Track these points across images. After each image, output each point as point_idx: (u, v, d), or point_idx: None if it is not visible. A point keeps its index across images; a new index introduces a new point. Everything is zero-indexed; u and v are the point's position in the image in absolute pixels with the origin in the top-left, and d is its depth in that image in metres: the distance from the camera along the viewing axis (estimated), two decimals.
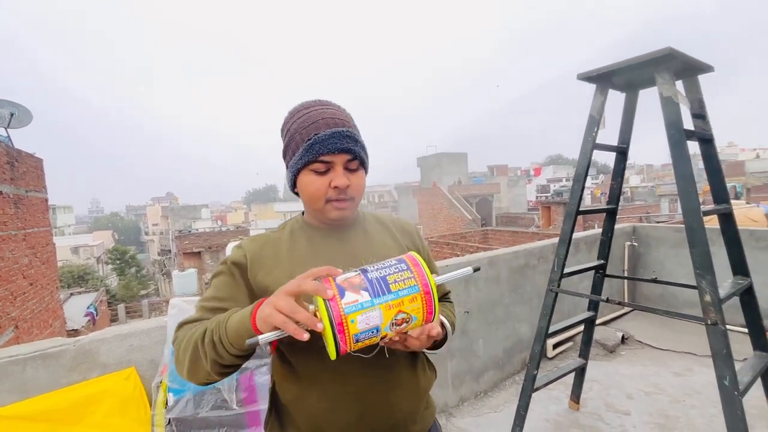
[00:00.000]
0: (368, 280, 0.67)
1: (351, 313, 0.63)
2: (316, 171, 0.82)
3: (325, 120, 0.82)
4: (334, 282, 0.66)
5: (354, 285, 0.66)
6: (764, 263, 3.32)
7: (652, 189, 35.07)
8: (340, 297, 0.64)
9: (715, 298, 1.52)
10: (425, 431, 0.94)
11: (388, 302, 0.66)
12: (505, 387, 2.81)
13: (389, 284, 0.67)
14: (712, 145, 1.79)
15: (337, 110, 0.86)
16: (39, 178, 7.27)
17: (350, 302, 0.64)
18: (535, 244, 3.25)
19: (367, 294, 0.65)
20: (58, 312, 7.71)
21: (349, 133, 0.82)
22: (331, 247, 0.89)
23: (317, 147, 0.80)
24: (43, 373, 1.38)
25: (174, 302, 1.59)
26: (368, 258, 0.85)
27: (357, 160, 0.84)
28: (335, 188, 0.82)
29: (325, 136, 0.80)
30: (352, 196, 0.85)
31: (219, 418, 1.49)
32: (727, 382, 1.50)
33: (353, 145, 0.82)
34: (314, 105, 0.86)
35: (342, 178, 0.82)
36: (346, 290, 0.65)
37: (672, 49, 1.57)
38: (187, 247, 19.27)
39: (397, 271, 0.69)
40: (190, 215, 38.39)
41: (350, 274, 0.68)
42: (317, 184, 0.82)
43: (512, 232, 14.34)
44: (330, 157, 0.81)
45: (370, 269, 0.69)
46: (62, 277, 18.68)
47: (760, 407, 2.06)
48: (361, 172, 0.87)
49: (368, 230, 0.95)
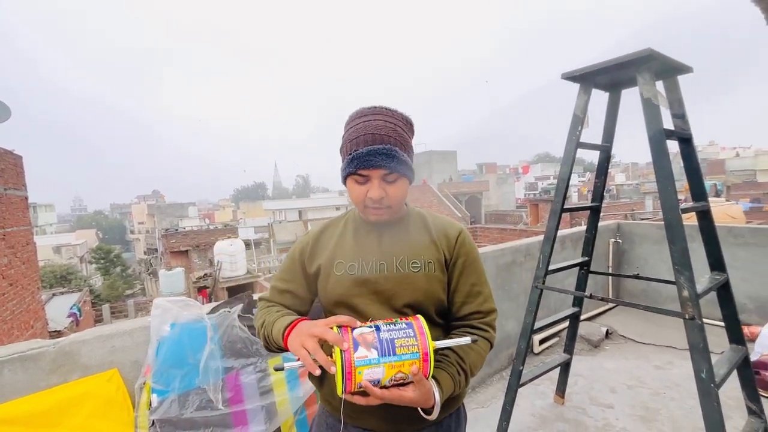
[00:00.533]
0: (379, 340, 0.79)
1: (360, 365, 0.77)
2: (357, 181, 0.93)
3: (365, 137, 0.90)
4: (351, 334, 0.79)
5: (367, 342, 0.79)
6: (742, 259, 3.42)
7: (636, 187, 35.80)
8: (354, 350, 0.77)
9: (693, 294, 1.56)
10: (442, 417, 0.99)
11: (391, 363, 0.78)
12: (492, 383, 2.85)
13: (395, 347, 0.79)
14: (691, 144, 1.83)
15: (385, 123, 0.92)
16: (18, 175, 7.07)
17: (361, 357, 0.77)
18: (522, 241, 3.29)
19: (375, 352, 0.78)
20: (39, 313, 7.53)
21: (385, 151, 0.89)
22: (371, 243, 1.00)
23: (356, 162, 0.90)
24: (21, 376, 1.35)
25: (158, 302, 1.56)
26: (399, 258, 0.97)
27: (395, 173, 0.92)
28: (370, 198, 0.92)
29: (362, 154, 0.89)
30: (388, 204, 0.94)
31: (205, 418, 1.48)
32: (704, 375, 1.54)
33: (388, 162, 0.89)
34: (366, 115, 0.94)
35: (376, 190, 0.91)
36: (359, 345, 0.78)
37: (652, 50, 1.60)
38: (174, 246, 18.97)
39: (404, 336, 0.81)
40: (177, 213, 37.79)
41: (366, 329, 0.81)
42: (357, 192, 0.94)
43: (500, 230, 14.49)
44: (367, 171, 0.91)
45: (383, 328, 0.82)
46: (44, 277, 18.22)
47: (736, 398, 2.13)
48: (401, 181, 0.94)
49: (410, 230, 1.02)
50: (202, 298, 15.79)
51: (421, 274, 0.96)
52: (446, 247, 1.00)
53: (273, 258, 22.70)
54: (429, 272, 0.97)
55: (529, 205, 19.65)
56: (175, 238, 19.31)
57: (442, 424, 1.01)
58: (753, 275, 3.39)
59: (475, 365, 0.95)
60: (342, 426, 1.02)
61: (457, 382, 0.90)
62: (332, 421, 1.05)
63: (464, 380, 0.93)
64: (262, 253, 25.07)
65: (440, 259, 0.99)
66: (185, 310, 1.56)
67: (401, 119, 0.95)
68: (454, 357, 0.93)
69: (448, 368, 0.91)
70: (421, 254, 0.98)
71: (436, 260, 0.98)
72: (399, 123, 0.94)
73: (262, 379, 1.59)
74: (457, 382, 0.90)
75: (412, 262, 0.97)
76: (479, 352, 0.97)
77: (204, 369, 1.50)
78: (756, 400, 1.89)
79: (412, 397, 0.81)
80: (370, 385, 0.77)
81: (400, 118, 0.95)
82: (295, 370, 1.62)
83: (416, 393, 0.81)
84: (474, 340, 0.87)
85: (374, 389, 0.78)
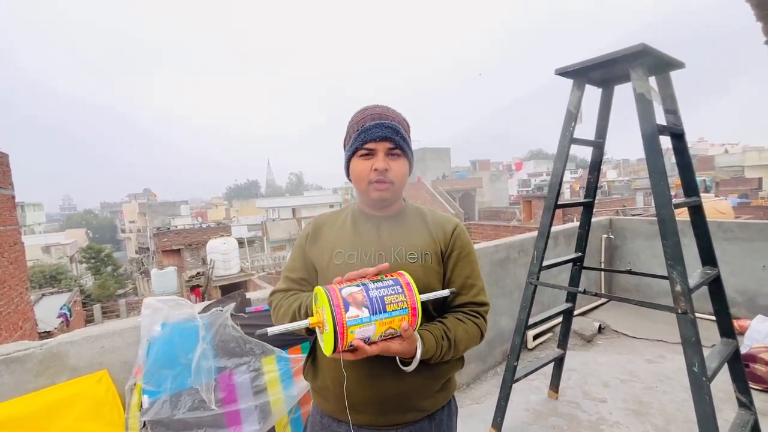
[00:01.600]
0: (369, 299, 0.80)
1: (352, 325, 0.77)
2: (362, 156, 0.98)
3: (372, 114, 0.98)
4: (340, 294, 0.79)
5: (357, 301, 0.79)
6: (731, 254, 3.47)
7: (628, 183, 36.18)
8: (345, 310, 0.77)
9: (685, 288, 1.58)
10: (435, 409, 1.03)
11: (382, 320, 0.80)
12: (486, 378, 2.86)
13: (386, 304, 0.81)
14: (683, 140, 1.84)
15: (388, 110, 1.02)
16: (4, 174, 6.93)
17: (353, 316, 0.77)
18: (516, 237, 3.30)
19: (367, 311, 0.79)
20: (28, 314, 7.41)
21: (390, 125, 0.96)
22: (370, 234, 1.03)
23: (362, 135, 0.96)
24: (7, 379, 1.32)
25: (148, 302, 1.54)
26: (397, 249, 1.00)
27: (398, 149, 0.98)
28: (375, 170, 0.96)
29: (369, 126, 0.96)
30: (391, 179, 0.98)
31: (197, 419, 1.45)
32: (696, 368, 1.56)
33: (393, 134, 0.96)
34: (370, 107, 1.02)
35: (382, 162, 0.96)
36: (350, 305, 0.78)
37: (645, 45, 1.60)
38: (166, 245, 18.77)
39: (393, 293, 0.82)
40: (169, 212, 37.42)
41: (354, 288, 0.81)
42: (362, 167, 0.98)
43: (494, 226, 14.56)
44: (373, 144, 0.96)
45: (371, 287, 0.82)
46: (33, 277, 17.94)
47: (727, 391, 2.16)
48: (403, 160, 1.00)
49: (407, 223, 1.06)
50: (195, 297, 15.67)
51: (417, 265, 0.99)
52: (442, 239, 1.03)
53: (266, 256, 22.58)
54: (425, 263, 1.00)
55: (522, 202, 19.76)
56: (167, 237, 19.11)
57: (434, 416, 1.03)
58: (742, 270, 3.44)
59: (460, 340, 0.96)
60: (337, 423, 1.02)
61: (440, 346, 0.92)
62: (327, 420, 1.04)
63: (447, 347, 0.93)
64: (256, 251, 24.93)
65: (437, 251, 1.02)
66: (176, 310, 1.54)
67: (400, 116, 1.04)
68: (440, 326, 0.96)
69: (433, 330, 0.94)
70: (418, 246, 1.01)
71: (432, 252, 1.01)
72: (399, 118, 1.03)
73: (256, 378, 1.57)
74: (439, 345, 0.92)
75: (409, 253, 1.00)
76: (467, 330, 0.99)
77: (196, 369, 1.47)
78: (746, 392, 1.92)
79: (399, 349, 0.84)
80: (362, 343, 0.79)
81: (399, 115, 1.04)
82: (290, 369, 1.60)
83: (403, 345, 0.84)
84: (452, 292, 0.96)
85: (365, 347, 0.79)
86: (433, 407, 1.02)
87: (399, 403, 0.97)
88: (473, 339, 1.00)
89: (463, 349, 0.98)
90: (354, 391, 0.96)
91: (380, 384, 0.96)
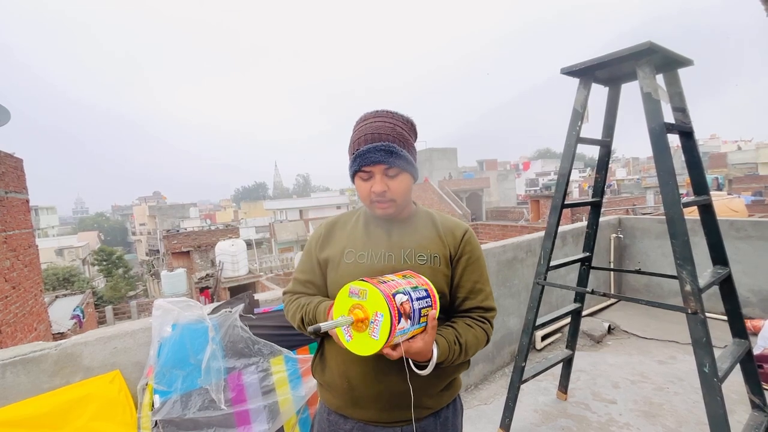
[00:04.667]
0: (413, 310, 0.86)
1: (398, 335, 0.83)
2: (361, 178, 1.00)
3: (365, 137, 0.98)
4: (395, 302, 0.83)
5: (406, 312, 0.85)
6: (744, 252, 3.41)
7: (637, 181, 35.71)
8: (398, 322, 0.82)
9: (695, 288, 1.56)
10: (440, 407, 1.05)
11: (414, 330, 0.87)
12: (494, 379, 2.85)
13: (421, 316, 0.88)
14: (692, 137, 1.82)
15: (384, 123, 0.99)
16: (19, 178, 7.08)
17: (401, 327, 0.83)
18: (523, 237, 3.29)
19: (409, 323, 0.85)
20: (42, 315, 7.55)
21: (383, 147, 0.96)
22: (380, 235, 1.06)
23: (358, 160, 0.98)
24: (24, 379, 1.35)
25: (158, 303, 1.56)
26: (407, 250, 1.02)
27: (395, 168, 0.98)
28: (374, 192, 0.99)
29: (363, 151, 0.97)
30: (392, 198, 1.00)
31: (207, 418, 1.48)
32: (707, 369, 1.54)
33: (386, 157, 0.96)
34: (367, 119, 1.02)
35: (379, 184, 0.98)
36: (402, 317, 0.83)
37: (652, 43, 1.58)
38: (176, 247, 19.00)
39: (425, 306, 0.89)
40: (178, 214, 37.85)
41: (403, 297, 0.86)
42: (362, 188, 1.01)
43: (501, 226, 14.47)
44: (369, 168, 0.98)
45: (414, 295, 0.88)
46: (47, 279, 18.27)
47: (740, 392, 2.12)
48: (403, 176, 1.00)
49: (418, 227, 1.07)
50: (204, 299, 15.83)
51: (426, 267, 1.01)
52: (452, 243, 1.06)
53: (274, 258, 22.71)
54: (434, 265, 1.02)
55: (530, 201, 19.61)
56: (176, 239, 19.34)
57: (440, 414, 1.05)
58: (755, 269, 3.38)
59: (470, 345, 1.00)
60: (344, 420, 1.04)
61: (452, 351, 0.95)
62: (334, 417, 1.06)
63: (458, 352, 0.97)
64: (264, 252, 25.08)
65: (446, 254, 1.04)
66: (186, 311, 1.56)
67: (401, 120, 1.02)
68: (452, 330, 0.99)
69: (446, 336, 0.97)
70: (428, 248, 1.03)
71: (441, 255, 1.04)
72: (398, 123, 1.01)
73: (264, 378, 1.59)
74: (452, 351, 0.95)
75: (418, 255, 1.02)
76: (476, 336, 1.02)
77: (206, 369, 1.50)
78: (759, 393, 1.89)
79: (420, 346, 0.88)
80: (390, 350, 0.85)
81: (399, 119, 1.02)
82: (298, 369, 1.62)
83: (422, 342, 0.88)
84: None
85: (392, 353, 0.85)
86: (438, 405, 1.05)
87: (405, 399, 0.99)
88: (481, 344, 1.03)
89: (472, 353, 1.01)
90: (360, 386, 0.98)
91: (386, 380, 0.98)
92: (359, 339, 0.84)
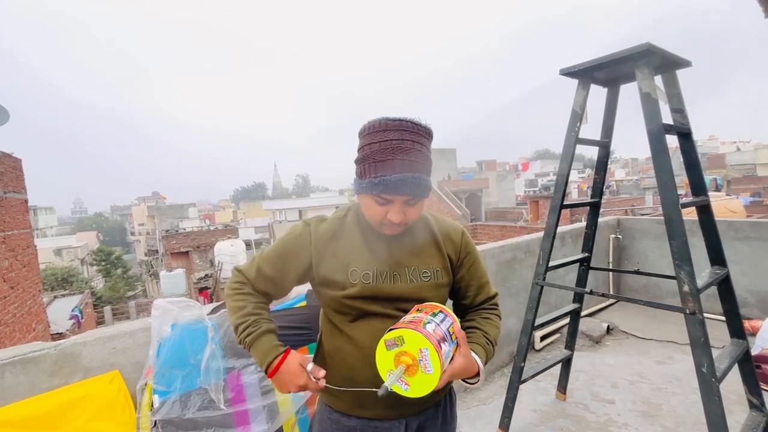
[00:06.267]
0: (444, 332, 0.89)
1: (444, 360, 0.85)
2: (377, 201, 0.93)
3: (394, 162, 0.87)
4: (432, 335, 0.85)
5: (440, 337, 0.87)
6: (742, 253, 3.42)
7: (636, 182, 35.77)
8: (440, 349, 0.85)
9: (693, 288, 1.56)
10: (439, 398, 1.09)
11: (453, 349, 0.91)
12: (493, 380, 2.85)
13: (450, 335, 0.91)
14: (691, 138, 1.83)
15: (413, 145, 0.89)
16: (18, 178, 7.08)
17: (443, 352, 0.85)
18: (522, 238, 3.29)
19: (447, 345, 0.88)
20: (41, 315, 7.54)
21: (414, 179, 0.89)
22: (382, 251, 1.01)
23: (382, 187, 0.89)
24: (23, 379, 1.35)
25: (158, 303, 1.56)
26: (411, 269, 1.01)
27: (417, 198, 0.93)
28: (390, 220, 0.93)
29: (392, 181, 0.87)
30: (405, 223, 0.96)
31: (207, 418, 1.48)
32: (705, 370, 1.55)
33: (414, 190, 0.90)
34: (391, 130, 0.89)
35: (398, 215, 0.92)
36: (441, 342, 0.86)
37: (651, 45, 1.59)
38: (175, 247, 18.98)
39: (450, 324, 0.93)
40: (178, 214, 37.80)
41: (432, 326, 0.88)
42: (375, 211, 0.94)
43: (501, 227, 14.49)
44: (392, 196, 0.90)
45: (437, 320, 0.90)
46: (45, 279, 18.23)
47: (739, 392, 2.13)
48: (420, 204, 0.96)
49: (415, 236, 1.05)
50: (203, 299, 15.81)
51: (431, 283, 1.04)
52: (452, 250, 1.08)
53: None
54: (438, 280, 1.05)
55: (529, 202, 19.64)
56: (175, 239, 19.32)
57: (438, 404, 1.10)
58: (754, 269, 3.39)
59: (496, 336, 1.08)
60: (347, 418, 1.04)
61: (488, 351, 1.03)
62: (336, 415, 1.06)
63: (492, 350, 1.04)
64: None
65: (446, 265, 1.07)
66: (185, 311, 1.56)
67: (425, 135, 0.93)
68: (479, 332, 1.05)
69: (478, 340, 1.02)
70: (430, 263, 1.04)
71: (442, 267, 1.06)
72: (425, 142, 0.93)
73: (264, 378, 1.59)
74: (487, 351, 1.02)
75: (423, 272, 1.03)
76: (496, 326, 1.10)
77: (205, 369, 1.50)
78: (757, 394, 1.90)
79: (462, 362, 0.90)
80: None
81: (425, 135, 0.93)
82: None
83: (462, 358, 0.91)
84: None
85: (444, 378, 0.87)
86: (439, 396, 1.09)
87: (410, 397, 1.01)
88: (500, 330, 1.12)
89: (497, 342, 1.09)
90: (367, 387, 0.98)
91: None
92: (415, 382, 0.85)
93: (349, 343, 1.02)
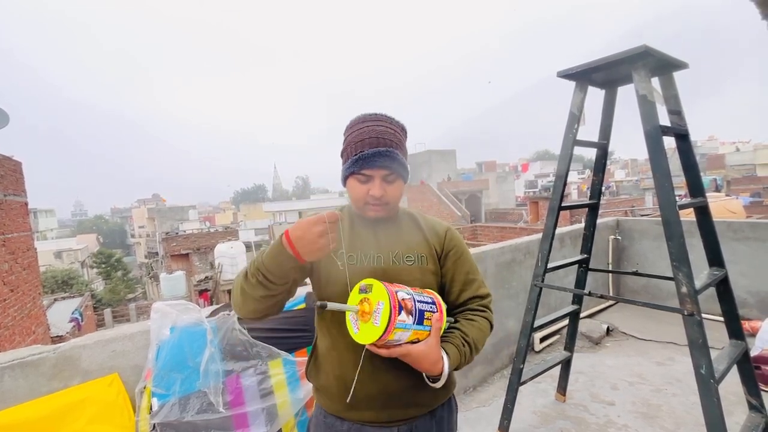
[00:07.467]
0: (416, 309, 0.90)
1: (398, 327, 0.87)
2: (359, 180, 1.00)
3: (370, 140, 0.98)
4: (397, 297, 0.88)
5: (407, 308, 0.89)
6: (741, 254, 3.42)
7: (636, 183, 35.79)
8: (398, 313, 0.86)
9: (691, 290, 1.57)
10: (436, 405, 1.08)
11: (417, 330, 0.91)
12: (493, 381, 2.85)
13: (424, 319, 0.92)
14: (688, 140, 1.83)
15: (387, 128, 1.01)
16: (18, 181, 7.09)
17: (401, 320, 0.87)
18: (522, 239, 3.29)
19: (411, 319, 0.89)
20: (41, 318, 7.54)
21: (388, 153, 0.98)
22: (368, 238, 1.06)
23: (360, 162, 0.98)
24: (22, 382, 1.35)
25: (157, 306, 1.57)
26: (395, 252, 1.04)
27: (394, 174, 1.00)
28: (371, 196, 0.99)
29: (368, 155, 0.97)
30: (386, 201, 1.02)
31: (206, 421, 1.48)
32: (704, 371, 1.55)
33: (390, 163, 0.98)
34: (368, 120, 1.02)
35: (378, 189, 0.99)
36: (402, 309, 0.88)
37: (647, 47, 1.60)
38: (175, 249, 18.99)
39: (429, 310, 0.94)
40: (178, 216, 37.80)
41: (405, 295, 0.91)
42: (359, 190, 1.01)
43: (500, 228, 14.49)
44: (370, 171, 0.98)
45: (417, 297, 0.93)
46: (45, 282, 18.21)
47: (738, 394, 2.13)
48: (398, 182, 1.03)
49: (402, 227, 1.10)
50: (203, 301, 15.80)
51: (415, 267, 1.05)
52: (436, 242, 1.09)
53: None
54: (422, 265, 1.06)
55: (529, 203, 19.65)
56: (175, 242, 19.33)
57: (435, 413, 1.07)
58: (753, 270, 3.39)
59: (477, 340, 1.03)
60: (340, 422, 1.05)
61: (463, 353, 0.99)
62: (331, 419, 1.07)
63: (469, 352, 1.00)
64: None
65: (432, 253, 1.08)
66: (184, 314, 1.56)
67: (398, 126, 1.05)
68: (457, 332, 1.03)
69: (453, 340, 1.00)
70: (414, 249, 1.07)
71: (428, 254, 1.07)
72: (397, 130, 1.04)
73: (263, 381, 1.59)
74: (462, 353, 0.98)
75: (406, 256, 1.06)
76: (480, 328, 1.06)
77: (204, 372, 1.50)
78: (756, 395, 1.90)
79: (422, 348, 0.90)
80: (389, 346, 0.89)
81: (396, 125, 1.05)
82: (297, 372, 1.62)
83: (425, 346, 0.91)
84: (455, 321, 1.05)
85: (392, 350, 0.89)
86: (434, 402, 1.06)
87: (400, 397, 1.01)
88: (486, 334, 1.07)
89: (481, 346, 1.05)
90: (357, 387, 0.99)
91: (382, 379, 1.00)
92: (364, 329, 0.88)
93: (340, 342, 1.03)
